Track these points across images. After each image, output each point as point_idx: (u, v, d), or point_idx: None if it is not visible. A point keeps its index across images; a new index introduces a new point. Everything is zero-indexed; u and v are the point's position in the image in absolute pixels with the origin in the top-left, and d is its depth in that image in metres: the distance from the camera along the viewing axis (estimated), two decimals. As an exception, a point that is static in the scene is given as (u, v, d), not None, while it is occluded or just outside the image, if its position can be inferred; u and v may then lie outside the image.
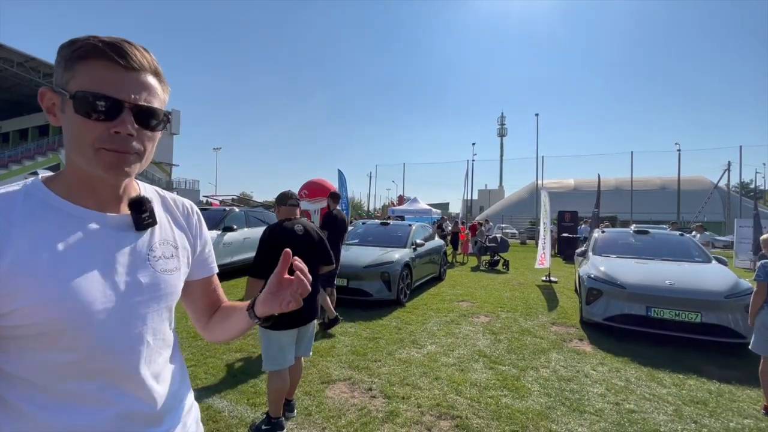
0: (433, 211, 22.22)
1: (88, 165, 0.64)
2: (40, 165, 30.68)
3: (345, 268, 6.23)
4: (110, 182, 0.68)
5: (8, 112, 40.51)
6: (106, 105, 0.60)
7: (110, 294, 0.65)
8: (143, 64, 0.64)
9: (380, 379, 3.46)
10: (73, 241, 0.63)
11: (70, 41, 0.63)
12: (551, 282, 9.01)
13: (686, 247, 6.25)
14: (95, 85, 0.60)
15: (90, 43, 0.61)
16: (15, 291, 0.58)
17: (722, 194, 31.96)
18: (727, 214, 28.64)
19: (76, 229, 0.64)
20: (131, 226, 0.70)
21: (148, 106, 0.64)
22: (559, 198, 32.14)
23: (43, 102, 0.65)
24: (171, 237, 0.77)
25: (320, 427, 2.69)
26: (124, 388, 0.67)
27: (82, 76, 0.61)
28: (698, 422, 2.88)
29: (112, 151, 0.62)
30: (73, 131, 0.62)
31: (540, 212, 9.89)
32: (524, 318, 5.74)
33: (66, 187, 0.66)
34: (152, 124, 0.66)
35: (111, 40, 0.62)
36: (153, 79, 0.66)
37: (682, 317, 4.50)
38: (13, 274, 0.57)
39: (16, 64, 32.09)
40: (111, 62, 0.61)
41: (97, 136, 0.61)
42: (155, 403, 0.71)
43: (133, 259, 0.69)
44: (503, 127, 73.50)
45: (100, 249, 0.66)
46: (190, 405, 0.83)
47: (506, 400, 3.12)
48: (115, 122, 0.61)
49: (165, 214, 0.79)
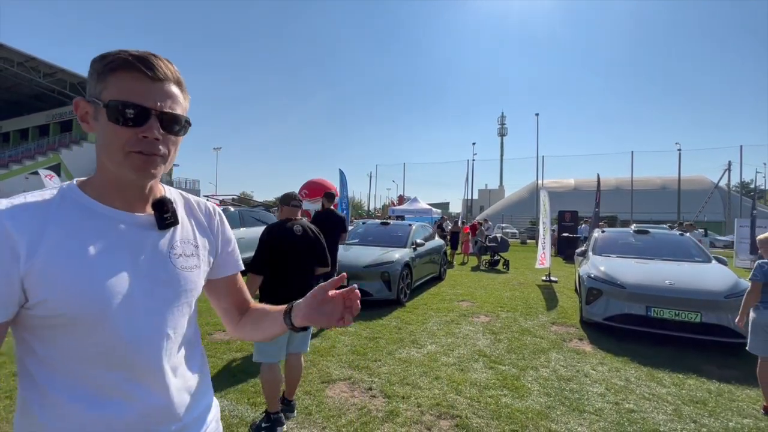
0: (433, 210, 22.23)
1: (119, 168, 0.69)
2: (41, 165, 30.69)
3: (345, 268, 6.24)
4: (138, 183, 0.73)
5: (9, 112, 40.51)
6: (134, 112, 0.66)
7: (133, 288, 0.69)
8: (167, 75, 0.70)
9: (380, 378, 3.46)
10: (101, 238, 0.68)
11: (102, 55, 0.69)
12: (551, 282, 9.02)
13: (686, 247, 6.26)
14: (125, 95, 0.66)
15: (120, 57, 0.67)
16: (47, 282, 0.63)
17: (722, 194, 31.95)
18: (728, 213, 28.64)
19: (105, 227, 0.69)
20: (154, 225, 0.75)
21: (172, 112, 0.70)
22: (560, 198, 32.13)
23: (78, 111, 0.71)
24: (192, 236, 0.82)
25: (320, 426, 2.69)
26: (144, 381, 0.71)
27: (114, 87, 0.67)
28: (698, 422, 2.88)
29: (140, 154, 0.68)
30: (105, 137, 0.68)
31: (540, 212, 9.88)
32: (524, 318, 5.75)
33: (97, 189, 0.72)
34: (175, 129, 0.72)
35: (139, 53, 0.68)
36: (176, 89, 0.72)
37: (682, 317, 4.50)
38: (46, 267, 0.63)
39: (16, 64, 32.09)
40: (139, 73, 0.67)
41: (126, 141, 0.67)
42: (174, 398, 0.74)
43: (156, 256, 0.74)
44: (503, 127, 73.47)
45: (126, 246, 0.71)
46: (210, 402, 0.86)
47: (506, 399, 3.13)
48: (143, 128, 0.67)
49: (187, 214, 0.84)
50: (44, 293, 0.63)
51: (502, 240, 11.99)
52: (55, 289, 0.63)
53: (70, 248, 0.65)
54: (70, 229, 0.66)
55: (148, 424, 0.71)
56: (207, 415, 0.84)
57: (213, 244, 0.88)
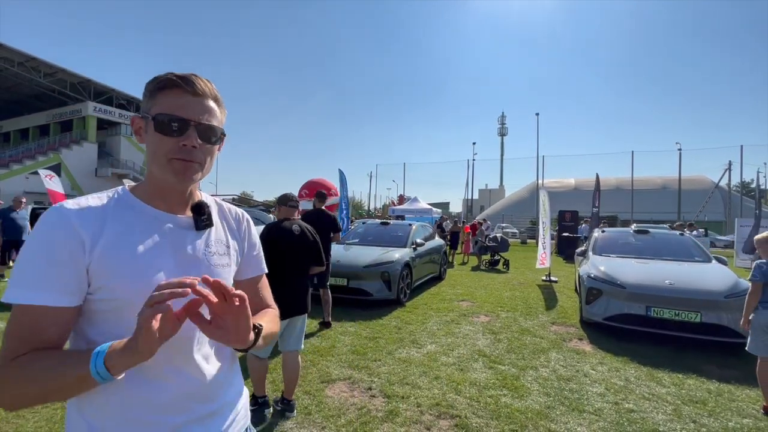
0: (433, 210, 22.20)
1: (162, 173, 0.79)
2: (41, 164, 30.70)
3: (345, 268, 6.24)
4: (178, 188, 0.82)
5: (9, 112, 40.51)
6: (176, 123, 0.76)
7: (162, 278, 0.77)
8: (206, 92, 0.80)
9: (380, 378, 3.46)
10: (149, 235, 0.79)
11: (154, 78, 0.79)
12: (551, 281, 9.02)
13: (686, 247, 6.25)
14: (169, 109, 0.76)
15: (167, 78, 0.78)
16: (105, 270, 0.74)
17: (723, 194, 31.91)
18: (728, 213, 28.60)
19: (152, 226, 0.80)
20: (192, 226, 0.85)
21: (209, 124, 0.80)
22: (560, 197, 32.12)
23: (133, 126, 0.82)
24: (224, 238, 0.92)
25: (320, 426, 2.70)
26: (179, 365, 0.80)
27: (161, 103, 0.77)
28: (697, 422, 2.88)
29: (180, 161, 0.77)
30: (152, 146, 0.78)
31: (539, 212, 9.86)
32: (524, 317, 5.75)
33: (145, 193, 0.83)
34: (212, 139, 0.81)
35: (183, 74, 0.78)
36: (213, 104, 0.82)
37: (682, 317, 4.50)
38: (104, 258, 0.74)
39: (17, 64, 32.10)
40: (181, 90, 0.77)
41: (169, 149, 0.77)
42: (207, 383, 0.83)
43: (193, 253, 0.84)
44: (504, 127, 73.41)
45: (169, 243, 0.81)
46: (240, 390, 0.95)
47: (505, 399, 3.13)
48: (183, 137, 0.77)
49: (220, 219, 0.94)
50: (103, 280, 0.73)
51: (502, 240, 11.99)
52: (112, 276, 0.73)
53: (124, 242, 0.76)
54: (124, 226, 0.77)
55: (183, 405, 0.79)
56: (237, 401, 0.93)
57: (240, 246, 0.97)
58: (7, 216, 7.62)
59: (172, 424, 0.78)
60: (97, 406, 0.75)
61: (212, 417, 0.85)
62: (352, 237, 8.34)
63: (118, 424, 0.75)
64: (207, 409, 0.83)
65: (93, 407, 0.75)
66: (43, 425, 2.58)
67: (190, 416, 0.80)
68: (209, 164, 0.83)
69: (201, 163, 0.80)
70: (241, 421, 0.93)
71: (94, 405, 0.75)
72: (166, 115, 0.76)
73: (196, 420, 0.81)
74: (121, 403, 0.75)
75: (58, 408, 2.79)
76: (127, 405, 0.75)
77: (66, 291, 0.71)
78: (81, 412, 0.76)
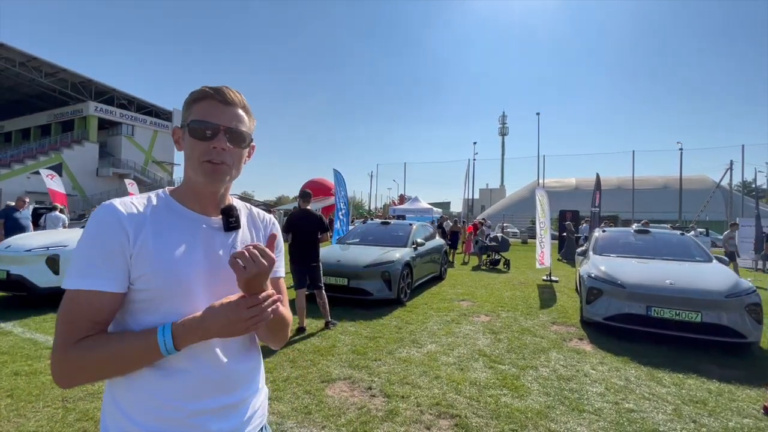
0: (434, 210, 22.20)
1: (196, 174, 0.87)
2: (43, 164, 30.74)
3: (346, 268, 6.25)
4: (209, 188, 0.89)
5: (11, 112, 40.57)
6: (208, 129, 0.84)
7: (201, 276, 0.85)
8: (235, 101, 0.88)
9: (380, 378, 3.47)
10: (183, 233, 0.86)
11: (191, 92, 0.89)
12: (552, 281, 9.01)
13: (687, 247, 6.24)
14: (202, 116, 0.85)
15: (203, 90, 0.87)
16: (144, 261, 0.81)
17: (724, 193, 31.82)
18: (729, 213, 28.52)
19: (185, 225, 0.88)
20: (222, 228, 0.92)
21: (238, 129, 0.87)
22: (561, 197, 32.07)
23: (174, 136, 0.92)
24: (250, 239, 0.98)
25: (320, 425, 2.70)
26: (201, 356, 0.85)
27: (196, 112, 0.86)
28: (697, 421, 2.88)
29: (211, 163, 0.85)
30: (188, 150, 0.87)
31: (536, 211, 9.84)
32: (524, 317, 5.75)
33: (181, 195, 0.91)
34: (241, 144, 0.89)
35: (216, 87, 0.87)
36: (242, 112, 0.89)
37: (683, 317, 4.49)
38: (143, 251, 0.81)
39: (18, 64, 32.14)
40: (213, 100, 0.86)
41: (202, 152, 0.85)
42: (225, 373, 0.88)
43: (221, 252, 0.90)
44: (504, 126, 73.33)
45: (201, 241, 0.88)
46: (258, 388, 0.99)
47: (506, 399, 3.13)
48: (214, 141, 0.84)
49: (248, 222, 1.01)
50: (141, 270, 0.80)
51: (502, 239, 11.99)
52: (148, 266, 0.80)
53: (160, 238, 0.83)
54: (162, 224, 0.85)
55: (201, 393, 0.84)
56: (256, 399, 0.97)
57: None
58: (11, 216, 7.66)
59: (191, 410, 0.83)
60: (126, 389, 0.82)
61: (230, 410, 0.89)
62: (352, 237, 8.35)
63: (144, 409, 0.82)
64: (225, 401, 0.87)
65: (122, 390, 0.83)
66: (44, 424, 2.59)
67: (208, 405, 0.85)
68: (238, 168, 0.91)
69: (230, 166, 0.87)
70: (258, 419, 0.97)
71: (124, 389, 0.82)
72: (199, 122, 0.84)
73: (214, 410, 0.86)
74: (144, 388, 0.81)
75: (59, 408, 2.80)
76: (149, 390, 0.81)
77: (116, 278, 0.79)
78: (114, 397, 0.84)
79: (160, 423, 0.81)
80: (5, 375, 3.31)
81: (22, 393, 2.99)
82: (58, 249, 5.59)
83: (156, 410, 0.82)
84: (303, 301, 4.95)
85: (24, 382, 3.17)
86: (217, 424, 0.86)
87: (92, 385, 3.11)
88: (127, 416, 0.82)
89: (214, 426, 0.85)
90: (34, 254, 5.48)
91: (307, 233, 4.97)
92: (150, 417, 0.81)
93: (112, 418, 0.83)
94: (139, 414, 0.82)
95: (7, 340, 4.16)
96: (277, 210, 25.67)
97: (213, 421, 0.85)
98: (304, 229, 4.98)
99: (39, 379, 3.24)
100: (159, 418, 0.81)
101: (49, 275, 5.45)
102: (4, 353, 3.79)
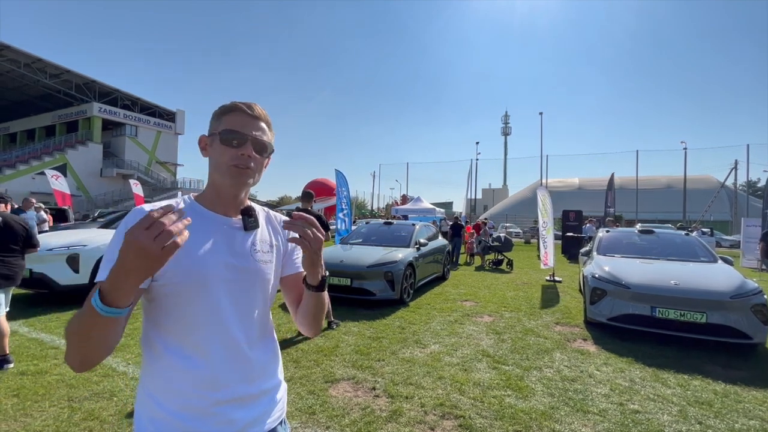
0: (436, 210, 22.20)
1: (223, 177, 0.95)
2: (47, 165, 30.93)
3: (349, 268, 6.25)
4: (233, 191, 0.97)
5: (15, 113, 40.87)
6: (238, 138, 0.94)
7: (223, 271, 0.92)
8: (260, 115, 0.99)
9: (384, 378, 3.47)
10: (206, 234, 0.94)
11: (222, 105, 0.99)
12: (555, 281, 8.98)
13: (691, 247, 6.21)
14: (232, 126, 0.94)
15: (234, 104, 0.98)
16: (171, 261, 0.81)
17: (729, 193, 31.63)
18: (734, 213, 28.35)
19: (209, 226, 0.95)
20: (242, 227, 0.99)
21: (262, 140, 0.97)
22: (564, 197, 31.97)
23: (200, 144, 1.00)
24: (268, 239, 1.05)
25: (324, 426, 2.70)
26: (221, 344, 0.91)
27: (226, 123, 0.95)
28: (703, 423, 2.86)
29: (238, 167, 0.94)
30: (216, 156, 0.95)
31: (538, 211, 9.81)
32: (528, 318, 5.73)
33: (206, 199, 1.00)
34: (263, 153, 0.99)
35: (246, 102, 0.98)
36: (265, 125, 1.00)
37: (687, 317, 4.47)
38: None
39: (23, 65, 32.37)
40: (242, 112, 0.96)
41: (230, 157, 0.93)
42: (245, 364, 0.94)
43: (241, 250, 0.97)
44: (507, 126, 73.22)
45: (223, 240, 0.95)
46: (279, 381, 1.05)
47: (510, 399, 3.12)
48: (242, 148, 0.94)
49: (266, 222, 1.09)
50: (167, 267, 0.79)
51: (505, 239, 11.97)
52: (175, 264, 0.83)
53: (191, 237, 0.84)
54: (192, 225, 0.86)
55: (222, 382, 0.90)
56: (276, 392, 1.03)
57: (284, 247, 1.10)
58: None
59: (213, 399, 0.88)
60: (153, 376, 0.89)
61: (252, 400, 0.95)
62: (355, 237, 8.35)
63: (171, 396, 0.88)
64: (247, 391, 0.93)
65: (150, 378, 0.90)
66: (51, 423, 2.60)
67: (229, 395, 0.90)
68: (260, 173, 1.00)
69: (254, 171, 0.97)
70: (278, 412, 1.03)
71: (152, 376, 0.90)
72: (230, 131, 0.94)
73: (236, 399, 0.91)
74: (169, 376, 0.88)
75: (65, 407, 2.81)
76: (174, 377, 0.88)
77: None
78: (144, 384, 0.91)
79: (186, 411, 0.87)
80: (11, 374, 3.34)
81: (28, 392, 3.01)
82: (78, 248, 5.74)
83: (182, 398, 0.87)
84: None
85: (30, 382, 3.20)
86: (240, 413, 0.92)
87: (97, 386, 3.14)
88: (157, 402, 0.87)
89: (237, 415, 0.91)
90: (55, 253, 5.63)
91: None
92: (176, 404, 0.87)
93: (142, 405, 0.90)
94: (167, 400, 0.87)
95: (13, 340, 4.19)
96: (279, 210, 25.73)
97: (235, 410, 0.91)
98: None
99: (45, 379, 3.26)
100: (185, 407, 0.87)
101: (69, 273, 5.62)
102: (11, 353, 3.81)
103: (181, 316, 0.89)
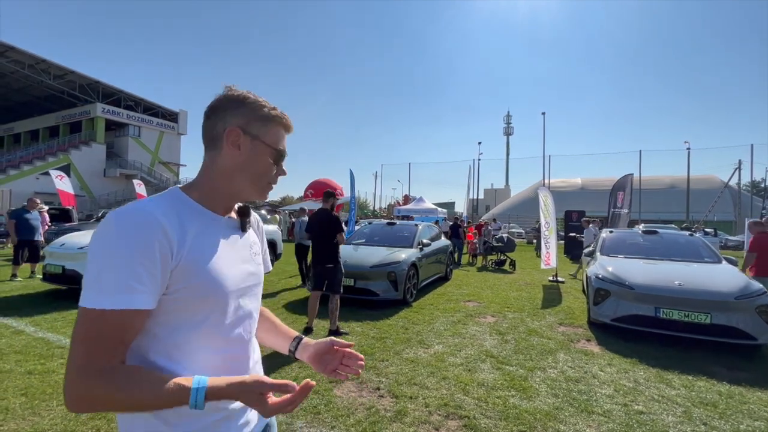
0: (438, 210, 22.19)
1: (252, 186, 0.89)
2: (51, 165, 31.06)
3: (352, 268, 6.25)
4: (247, 198, 0.93)
5: (20, 114, 41.07)
6: (283, 158, 0.92)
7: (234, 277, 0.86)
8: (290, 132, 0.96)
9: (388, 378, 3.48)
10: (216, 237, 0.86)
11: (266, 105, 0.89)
12: (558, 282, 8.97)
13: (695, 248, 6.19)
14: (278, 143, 0.90)
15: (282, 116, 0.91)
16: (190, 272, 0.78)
17: (733, 193, 31.47)
18: (738, 213, 28.21)
19: (216, 229, 0.87)
20: (239, 228, 0.94)
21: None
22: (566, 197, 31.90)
23: (230, 136, 0.85)
24: (256, 239, 1.02)
25: (329, 425, 2.72)
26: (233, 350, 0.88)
27: (273, 135, 0.89)
28: (708, 424, 2.86)
29: (271, 184, 0.92)
30: (256, 165, 0.88)
31: (540, 212, 9.80)
32: (531, 318, 5.73)
33: (202, 195, 0.88)
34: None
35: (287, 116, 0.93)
36: None
37: (692, 318, 4.46)
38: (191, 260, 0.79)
39: (27, 66, 32.54)
40: (286, 130, 0.93)
41: (273, 175, 0.91)
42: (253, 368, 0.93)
43: (245, 252, 0.94)
44: (509, 126, 73.06)
45: (232, 243, 0.90)
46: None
47: (514, 400, 3.13)
48: (283, 168, 0.93)
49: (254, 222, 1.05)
50: (187, 281, 0.77)
51: (508, 240, 11.96)
52: (196, 276, 0.78)
53: (202, 244, 0.82)
54: (200, 228, 0.83)
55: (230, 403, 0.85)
56: None
57: (263, 246, 1.08)
58: (22, 217, 7.77)
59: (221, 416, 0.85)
60: None
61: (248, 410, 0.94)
62: (358, 237, 8.36)
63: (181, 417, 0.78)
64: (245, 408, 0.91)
65: None
66: (59, 422, 2.63)
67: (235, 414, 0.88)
68: None
69: None
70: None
71: None
72: (284, 153, 0.92)
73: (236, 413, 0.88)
74: None
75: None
76: None
77: (154, 293, 0.72)
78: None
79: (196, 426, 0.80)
80: (19, 374, 3.37)
81: (36, 391, 3.04)
82: None
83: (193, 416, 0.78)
84: (316, 302, 4.94)
85: (38, 381, 3.22)
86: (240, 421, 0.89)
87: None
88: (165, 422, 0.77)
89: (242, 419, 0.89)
90: (85, 251, 5.70)
91: (321, 233, 4.96)
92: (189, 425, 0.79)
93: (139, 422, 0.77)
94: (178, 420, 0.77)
95: (20, 339, 4.22)
96: (281, 210, 25.75)
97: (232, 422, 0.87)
98: (319, 229, 4.99)
99: (52, 378, 3.29)
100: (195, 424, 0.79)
101: None
102: (18, 352, 3.85)
103: (200, 324, 0.79)
